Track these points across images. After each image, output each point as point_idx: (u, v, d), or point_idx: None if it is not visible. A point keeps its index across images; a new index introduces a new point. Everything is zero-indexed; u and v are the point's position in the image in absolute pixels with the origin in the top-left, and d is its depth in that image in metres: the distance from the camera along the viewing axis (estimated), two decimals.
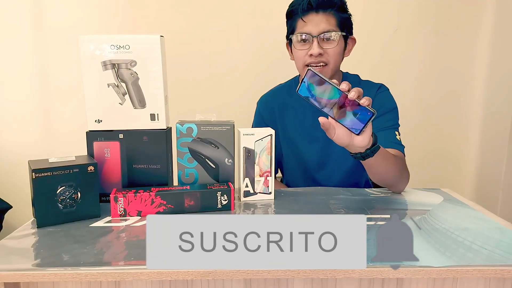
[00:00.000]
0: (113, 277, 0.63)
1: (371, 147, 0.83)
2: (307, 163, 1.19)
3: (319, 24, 1.06)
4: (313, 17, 1.06)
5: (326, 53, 1.07)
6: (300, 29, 1.08)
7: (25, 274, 0.62)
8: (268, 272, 0.63)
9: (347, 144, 0.81)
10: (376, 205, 0.94)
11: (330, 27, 1.06)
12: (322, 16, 1.06)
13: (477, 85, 1.82)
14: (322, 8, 1.05)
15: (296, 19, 1.09)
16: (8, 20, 1.71)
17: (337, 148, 1.14)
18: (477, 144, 1.86)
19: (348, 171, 1.17)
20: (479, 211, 0.89)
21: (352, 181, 1.19)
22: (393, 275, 0.64)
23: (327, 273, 0.64)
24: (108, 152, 0.91)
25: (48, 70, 1.76)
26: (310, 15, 1.06)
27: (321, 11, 1.06)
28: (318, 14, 1.06)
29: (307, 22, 1.07)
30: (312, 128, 1.17)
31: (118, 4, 1.73)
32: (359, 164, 1.17)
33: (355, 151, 0.83)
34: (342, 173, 1.18)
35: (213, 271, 0.63)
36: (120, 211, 0.84)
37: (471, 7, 1.76)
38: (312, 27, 1.06)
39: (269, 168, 0.95)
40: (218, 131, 0.94)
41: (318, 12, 1.06)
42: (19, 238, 0.74)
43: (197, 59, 1.76)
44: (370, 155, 0.84)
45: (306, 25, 1.07)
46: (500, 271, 0.64)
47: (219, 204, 0.89)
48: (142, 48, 0.89)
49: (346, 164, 1.16)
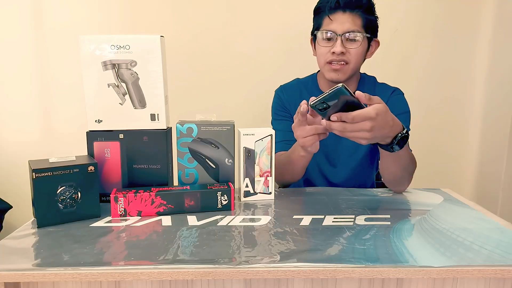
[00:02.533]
0: (113, 277, 0.63)
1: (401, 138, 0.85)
2: (317, 156, 1.19)
3: (344, 23, 1.07)
4: (340, 16, 1.07)
5: (349, 52, 1.08)
6: (326, 26, 1.09)
7: (25, 274, 0.62)
8: (268, 272, 0.63)
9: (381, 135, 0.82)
10: (376, 205, 0.94)
11: (355, 27, 1.06)
12: (349, 15, 1.07)
13: (477, 85, 1.82)
14: (350, 7, 1.06)
15: (323, 16, 1.10)
16: (8, 20, 1.71)
17: (348, 146, 1.15)
18: (477, 144, 1.86)
19: (357, 169, 1.18)
20: (479, 211, 0.89)
21: (360, 179, 1.19)
22: (393, 275, 0.64)
23: (327, 273, 0.64)
24: (108, 152, 0.91)
25: (48, 70, 1.76)
26: (337, 14, 1.07)
27: (348, 11, 1.06)
28: (345, 13, 1.07)
29: (333, 20, 1.08)
30: None
31: (118, 4, 1.73)
32: (367, 163, 1.17)
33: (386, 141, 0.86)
34: (351, 170, 1.18)
35: (213, 271, 0.63)
36: (120, 211, 0.84)
37: (471, 8, 1.76)
38: (337, 26, 1.07)
39: (269, 168, 0.95)
40: (218, 131, 0.94)
41: (345, 11, 1.07)
42: (19, 238, 0.74)
43: (197, 59, 1.76)
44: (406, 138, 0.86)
45: (332, 23, 1.08)
46: (500, 271, 0.64)
47: (219, 204, 0.89)
48: (142, 48, 0.89)
49: (355, 161, 1.17)
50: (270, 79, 1.78)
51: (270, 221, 0.83)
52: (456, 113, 1.85)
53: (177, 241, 0.72)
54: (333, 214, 0.86)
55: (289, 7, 1.74)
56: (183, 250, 0.69)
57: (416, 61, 1.80)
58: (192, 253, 0.68)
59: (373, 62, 1.78)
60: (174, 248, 0.69)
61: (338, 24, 1.07)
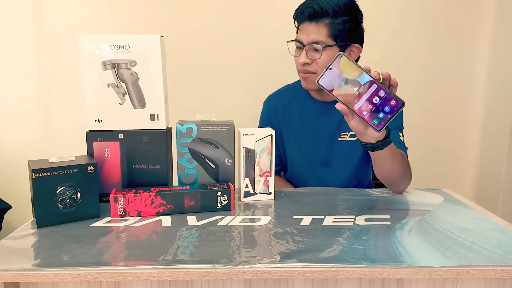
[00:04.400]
0: (113, 277, 0.63)
1: (383, 140, 0.84)
2: (312, 161, 1.20)
3: (310, 33, 1.07)
4: (306, 26, 1.08)
5: (315, 62, 1.08)
6: (297, 36, 1.11)
7: (25, 274, 0.62)
8: (268, 272, 0.63)
9: (361, 132, 0.81)
10: (376, 205, 0.94)
11: (319, 38, 1.06)
12: (314, 26, 1.07)
13: (477, 85, 1.82)
14: (315, 18, 1.06)
15: (297, 25, 1.12)
16: (8, 20, 1.71)
17: (343, 147, 1.15)
18: (478, 144, 1.86)
19: (353, 170, 1.18)
20: (479, 211, 0.89)
21: (356, 181, 1.20)
22: (393, 276, 0.64)
23: (327, 273, 0.63)
24: (108, 152, 0.91)
25: (48, 70, 1.75)
26: (304, 24, 1.09)
27: (314, 21, 1.06)
28: (311, 23, 1.07)
29: (301, 30, 1.10)
30: (318, 128, 1.18)
31: (118, 4, 1.73)
32: (363, 163, 1.17)
33: (366, 140, 0.83)
34: (347, 172, 1.18)
35: (213, 271, 0.63)
36: (120, 211, 0.84)
37: (471, 8, 1.76)
38: (304, 36, 1.08)
39: (269, 168, 0.95)
40: (218, 131, 0.94)
41: (311, 21, 1.07)
42: (19, 238, 0.74)
43: (197, 59, 1.76)
44: (380, 148, 0.84)
45: (300, 33, 1.10)
46: (500, 271, 0.64)
47: (219, 204, 0.89)
48: (142, 48, 0.89)
49: (350, 163, 1.17)
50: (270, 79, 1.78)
51: (270, 221, 0.83)
52: (456, 113, 1.85)
53: (177, 241, 0.72)
54: (333, 215, 0.86)
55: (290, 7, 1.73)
56: (183, 251, 0.69)
57: (416, 61, 1.79)
58: (192, 253, 0.68)
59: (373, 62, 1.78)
60: (174, 248, 0.69)
61: (304, 35, 1.08)
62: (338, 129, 1.16)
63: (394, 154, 0.93)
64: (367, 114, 0.75)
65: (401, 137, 1.08)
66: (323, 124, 1.17)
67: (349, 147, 1.15)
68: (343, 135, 1.15)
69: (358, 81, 0.73)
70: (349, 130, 1.14)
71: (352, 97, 0.74)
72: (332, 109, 1.15)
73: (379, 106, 0.74)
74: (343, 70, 0.74)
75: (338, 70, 0.74)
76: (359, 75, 0.73)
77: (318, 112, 1.18)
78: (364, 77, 0.73)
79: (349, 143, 1.15)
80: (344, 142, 1.15)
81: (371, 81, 0.73)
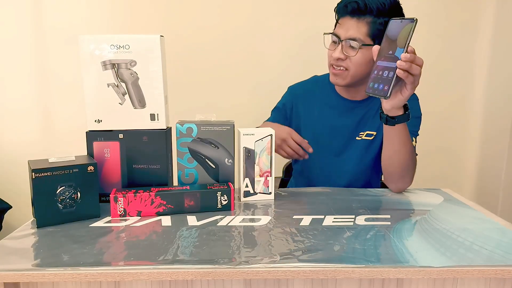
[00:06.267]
0: (113, 277, 0.63)
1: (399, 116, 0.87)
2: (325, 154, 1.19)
3: (349, 29, 1.05)
4: (347, 21, 1.06)
5: (349, 59, 1.06)
6: (335, 30, 1.09)
7: (25, 274, 0.62)
8: (268, 272, 0.63)
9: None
10: (376, 205, 0.94)
11: (358, 35, 1.04)
12: (355, 22, 1.04)
13: (477, 85, 1.82)
14: (358, 14, 1.04)
15: (337, 18, 1.10)
16: (8, 20, 1.71)
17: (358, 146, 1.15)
18: (478, 144, 1.86)
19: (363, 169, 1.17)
20: (479, 211, 0.89)
21: (363, 181, 1.19)
22: (393, 275, 0.64)
23: (327, 273, 0.63)
24: (108, 152, 0.91)
25: (48, 70, 1.76)
26: (345, 18, 1.06)
27: (356, 17, 1.04)
28: (352, 19, 1.05)
29: (341, 25, 1.07)
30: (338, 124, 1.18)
31: (118, 4, 1.73)
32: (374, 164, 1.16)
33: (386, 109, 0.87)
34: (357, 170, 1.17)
35: (213, 271, 0.63)
36: (120, 211, 0.84)
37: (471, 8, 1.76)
38: (342, 31, 1.06)
39: (269, 168, 0.95)
40: (218, 131, 0.94)
41: (352, 17, 1.04)
42: (19, 238, 0.74)
43: (197, 59, 1.76)
44: (390, 123, 0.88)
45: (339, 27, 1.07)
46: (500, 271, 0.64)
47: (219, 204, 0.89)
48: (142, 48, 0.89)
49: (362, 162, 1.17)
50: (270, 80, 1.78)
51: (270, 221, 0.83)
52: (456, 113, 1.85)
53: (176, 241, 0.72)
54: (333, 214, 0.86)
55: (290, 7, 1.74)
56: (183, 250, 0.69)
57: None
58: (192, 253, 0.68)
59: None
60: (174, 248, 0.69)
61: (343, 30, 1.06)
62: (357, 128, 1.15)
63: (404, 141, 0.96)
64: (375, 74, 0.80)
65: (413, 142, 1.08)
66: (344, 121, 1.17)
67: (364, 146, 1.15)
68: (360, 134, 1.16)
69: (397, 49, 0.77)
70: (367, 129, 1.14)
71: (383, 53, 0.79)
72: (355, 108, 1.16)
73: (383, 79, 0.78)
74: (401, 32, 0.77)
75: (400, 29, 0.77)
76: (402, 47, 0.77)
77: (341, 109, 1.17)
78: (399, 52, 0.77)
79: (365, 142, 1.15)
80: (360, 141, 1.15)
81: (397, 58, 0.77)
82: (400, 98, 0.83)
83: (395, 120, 0.87)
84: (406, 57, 0.75)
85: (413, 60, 0.77)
